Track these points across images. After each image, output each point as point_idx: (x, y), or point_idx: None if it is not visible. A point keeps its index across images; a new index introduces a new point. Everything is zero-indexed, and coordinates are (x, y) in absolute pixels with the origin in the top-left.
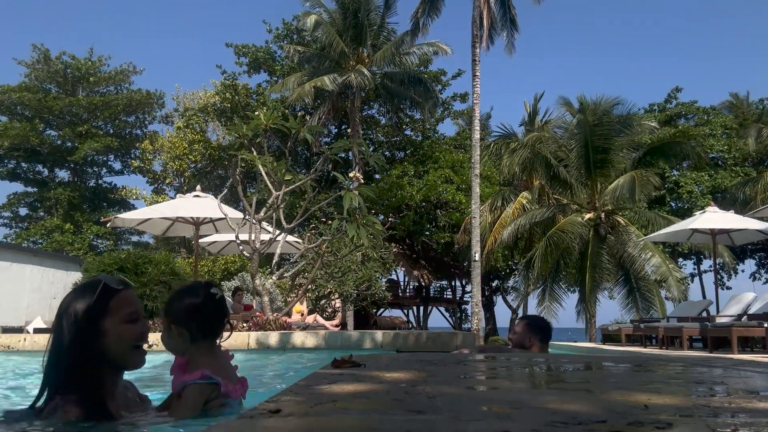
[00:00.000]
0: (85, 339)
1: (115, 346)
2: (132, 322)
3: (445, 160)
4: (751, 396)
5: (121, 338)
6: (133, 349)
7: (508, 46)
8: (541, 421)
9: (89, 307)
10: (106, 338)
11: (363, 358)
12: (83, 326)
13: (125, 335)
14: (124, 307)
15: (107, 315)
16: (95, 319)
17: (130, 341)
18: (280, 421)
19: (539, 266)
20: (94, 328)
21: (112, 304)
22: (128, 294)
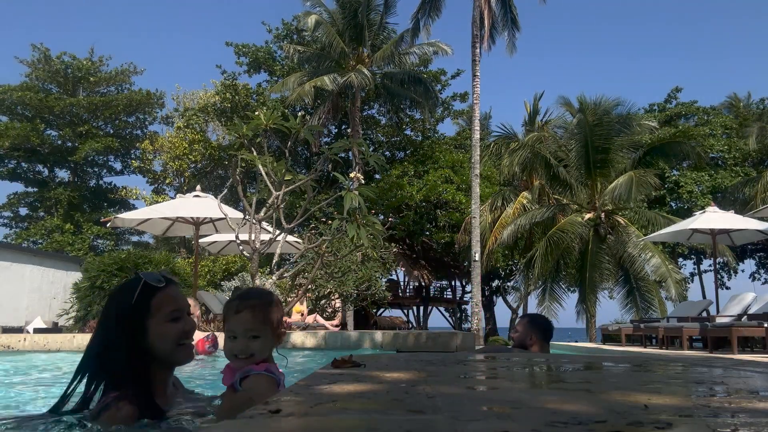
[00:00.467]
0: (129, 338)
1: (159, 345)
2: (174, 321)
3: (445, 160)
4: (751, 396)
5: (164, 337)
6: (177, 346)
7: (509, 45)
8: (541, 421)
9: (131, 307)
10: (150, 337)
11: (363, 358)
12: (126, 326)
13: (168, 334)
14: (166, 306)
15: (149, 314)
16: (137, 319)
17: (173, 339)
18: (280, 421)
19: (539, 266)
20: (137, 327)
21: (153, 303)
22: (170, 291)
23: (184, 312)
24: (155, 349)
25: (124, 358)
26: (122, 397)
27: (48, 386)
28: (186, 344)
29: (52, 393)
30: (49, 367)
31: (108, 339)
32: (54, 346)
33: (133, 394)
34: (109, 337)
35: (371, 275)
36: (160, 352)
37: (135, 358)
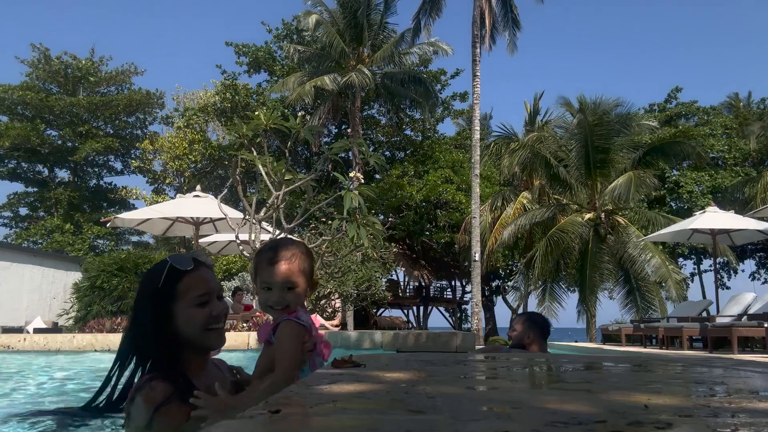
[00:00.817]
0: (157, 323)
1: (187, 330)
2: (201, 305)
3: (445, 160)
4: (751, 396)
5: (190, 322)
6: (205, 331)
7: (509, 45)
8: (541, 421)
9: (157, 291)
10: (177, 321)
11: (363, 358)
12: (154, 310)
13: (195, 319)
14: (192, 290)
15: (175, 299)
16: (164, 303)
17: (200, 324)
18: (280, 421)
19: (539, 266)
20: (164, 311)
21: (180, 287)
22: (198, 275)
23: (213, 296)
24: (183, 333)
25: (153, 342)
26: (155, 377)
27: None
28: (215, 329)
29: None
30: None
31: (138, 323)
32: (54, 346)
33: (165, 375)
34: (139, 321)
35: (371, 275)
36: (188, 336)
37: (165, 341)
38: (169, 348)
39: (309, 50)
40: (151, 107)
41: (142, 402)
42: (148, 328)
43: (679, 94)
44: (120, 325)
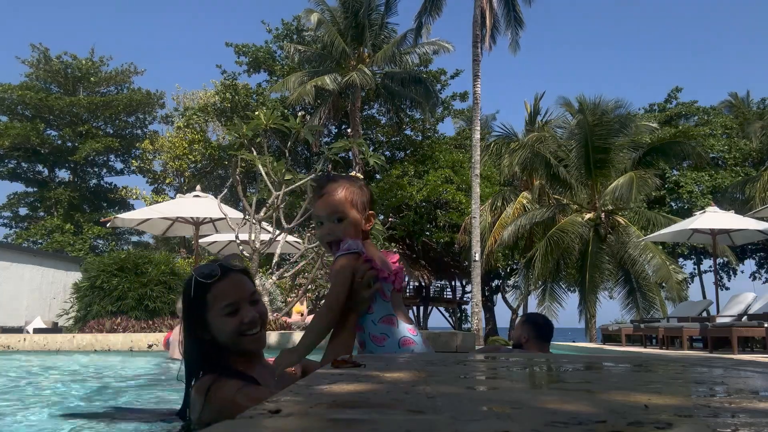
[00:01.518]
0: (195, 331)
1: (222, 337)
2: (230, 315)
3: (445, 160)
4: (752, 396)
5: (221, 330)
6: (239, 337)
7: (512, 44)
8: (541, 421)
9: (190, 302)
10: (212, 330)
11: (363, 358)
12: (188, 320)
13: (226, 328)
14: (220, 301)
15: (206, 308)
16: (197, 314)
17: (231, 332)
18: (280, 421)
19: (539, 266)
20: (199, 321)
21: (209, 297)
22: (225, 285)
23: (243, 303)
24: (220, 340)
25: (197, 350)
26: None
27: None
28: (250, 334)
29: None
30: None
31: (185, 333)
32: (54, 346)
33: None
34: (185, 331)
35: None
36: (224, 343)
37: (207, 349)
38: (211, 354)
39: (309, 50)
40: (151, 107)
41: (195, 394)
42: (189, 336)
43: (679, 94)
44: (120, 326)
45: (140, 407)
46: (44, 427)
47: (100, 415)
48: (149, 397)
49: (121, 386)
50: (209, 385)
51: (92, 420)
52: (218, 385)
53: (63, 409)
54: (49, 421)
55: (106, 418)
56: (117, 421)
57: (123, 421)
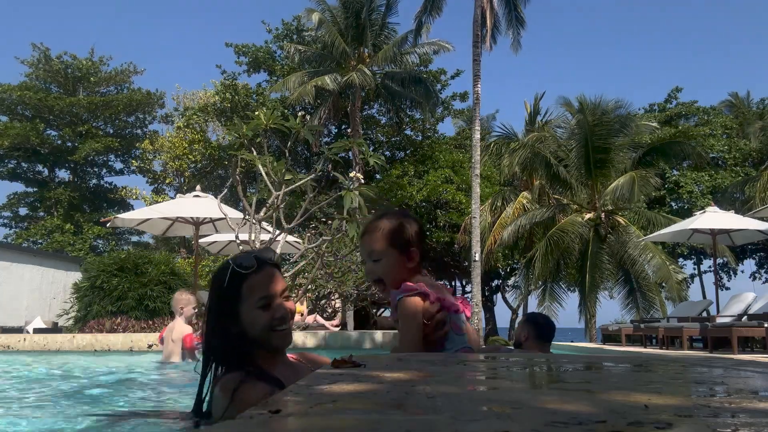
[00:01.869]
0: (224, 323)
1: (252, 331)
2: (264, 308)
3: (445, 160)
4: (751, 396)
5: (253, 324)
6: (269, 332)
7: (513, 44)
8: (541, 421)
9: (223, 292)
10: (243, 323)
11: (363, 358)
12: (220, 311)
13: (259, 321)
14: (255, 293)
15: (240, 300)
16: (229, 305)
17: (263, 326)
18: (280, 421)
19: (539, 266)
20: (230, 313)
21: (243, 289)
22: (261, 276)
23: (277, 297)
24: (249, 334)
25: (222, 343)
26: (229, 370)
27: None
28: (280, 330)
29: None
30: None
31: (210, 324)
32: (54, 346)
33: (238, 369)
34: (210, 323)
35: None
36: (253, 336)
37: (233, 341)
38: (238, 346)
39: (309, 50)
40: (151, 107)
41: (219, 392)
42: (218, 328)
43: (679, 94)
44: (120, 326)
45: (145, 410)
46: (49, 428)
47: (110, 416)
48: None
49: (119, 387)
50: (236, 385)
51: (102, 421)
52: (246, 387)
53: (65, 410)
54: (51, 422)
55: (115, 419)
56: (122, 423)
57: (128, 423)
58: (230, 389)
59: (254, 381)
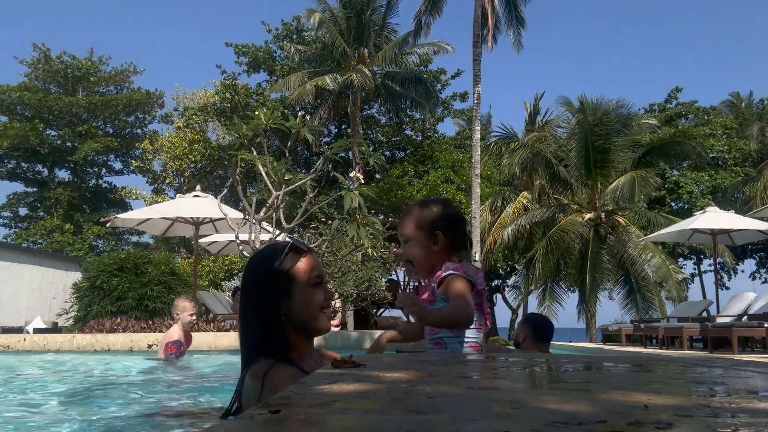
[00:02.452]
0: (275, 304)
1: (303, 311)
2: (317, 286)
3: (445, 160)
4: (752, 396)
5: (308, 302)
6: (320, 311)
7: (515, 44)
8: (541, 421)
9: (274, 271)
10: (293, 303)
11: (363, 358)
12: (270, 290)
13: (314, 298)
14: (311, 270)
15: (294, 279)
16: (282, 283)
17: (317, 305)
18: (280, 421)
19: (540, 266)
20: (282, 292)
21: (299, 267)
22: (313, 258)
23: (325, 279)
24: (297, 315)
25: (265, 329)
26: (272, 365)
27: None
28: (326, 312)
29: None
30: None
31: (250, 310)
32: (54, 346)
33: (278, 360)
34: (251, 308)
35: (371, 275)
36: (302, 317)
37: (273, 325)
38: (281, 332)
39: (309, 50)
40: (150, 107)
41: (250, 378)
42: (261, 311)
43: (679, 94)
44: (120, 326)
45: (177, 409)
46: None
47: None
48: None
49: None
50: (266, 370)
51: (129, 422)
52: (277, 369)
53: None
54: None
55: (146, 417)
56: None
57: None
58: (260, 375)
59: (283, 365)
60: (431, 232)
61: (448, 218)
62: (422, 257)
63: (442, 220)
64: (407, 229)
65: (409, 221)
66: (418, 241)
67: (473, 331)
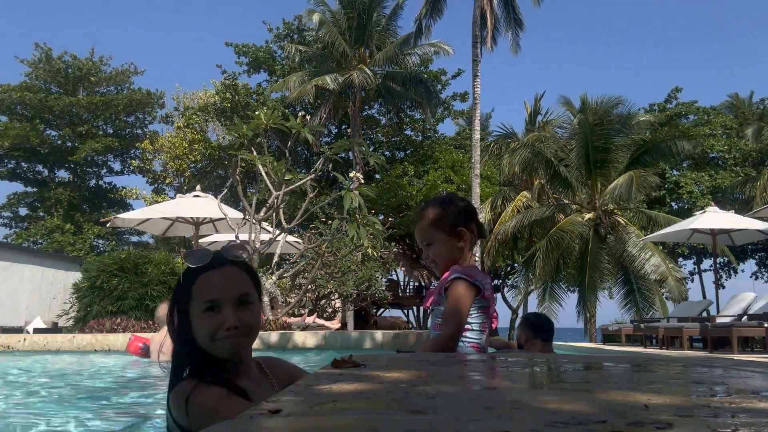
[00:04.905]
0: (178, 324)
1: (198, 337)
2: (209, 311)
3: (445, 160)
4: (751, 396)
5: (198, 328)
6: (212, 341)
7: (513, 45)
8: (541, 421)
9: (176, 291)
10: (193, 327)
11: (363, 358)
12: (171, 310)
13: (202, 326)
14: (203, 294)
15: (190, 300)
16: (181, 304)
17: (206, 333)
18: (280, 421)
19: (539, 266)
20: (181, 313)
21: (193, 289)
22: (213, 275)
23: (226, 302)
24: (198, 341)
25: (182, 349)
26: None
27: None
28: (223, 339)
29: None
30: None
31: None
32: (54, 346)
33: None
34: (170, 326)
35: (371, 275)
36: (202, 345)
37: (192, 347)
38: (195, 354)
39: (310, 50)
40: (151, 107)
41: (173, 399)
42: (175, 331)
43: (679, 94)
44: (120, 326)
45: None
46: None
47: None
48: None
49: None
50: (189, 392)
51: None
52: (198, 392)
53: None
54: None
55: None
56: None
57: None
58: (183, 398)
59: (207, 386)
60: (453, 230)
61: (464, 212)
62: (450, 256)
63: (460, 215)
64: (428, 233)
65: (426, 225)
66: (443, 241)
67: (476, 333)
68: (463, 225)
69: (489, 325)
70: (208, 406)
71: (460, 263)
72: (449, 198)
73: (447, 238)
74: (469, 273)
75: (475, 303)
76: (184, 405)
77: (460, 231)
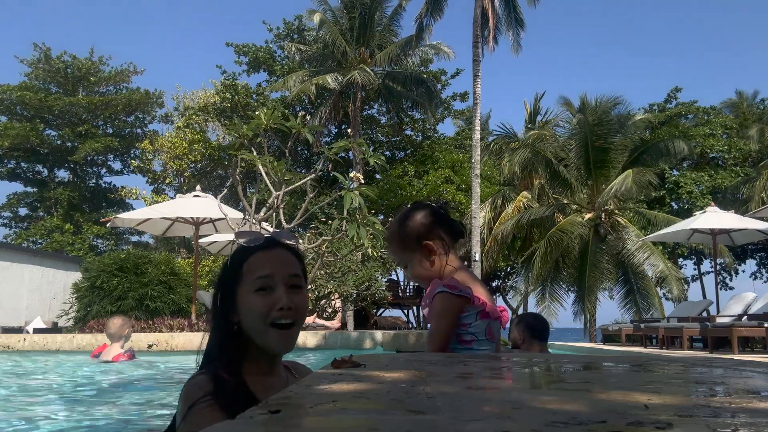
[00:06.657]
0: (222, 308)
1: (248, 321)
2: (261, 291)
3: (445, 160)
4: (751, 396)
5: (249, 311)
6: (267, 326)
7: (514, 45)
8: (541, 421)
9: (224, 273)
10: (239, 309)
11: (363, 358)
12: (217, 293)
13: (254, 306)
14: (255, 272)
15: (240, 280)
16: (229, 285)
17: (260, 315)
18: (279, 421)
19: (539, 266)
20: (229, 295)
21: (244, 268)
22: (266, 256)
23: (280, 282)
24: (245, 324)
25: (220, 337)
26: (207, 371)
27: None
28: (280, 324)
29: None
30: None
31: (211, 314)
32: (54, 346)
33: (216, 371)
34: (212, 312)
35: (371, 275)
36: (249, 329)
37: (233, 336)
38: (235, 343)
39: (310, 50)
40: (150, 107)
41: (183, 395)
42: (215, 317)
43: (679, 94)
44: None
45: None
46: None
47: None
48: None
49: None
50: (196, 399)
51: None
52: (200, 411)
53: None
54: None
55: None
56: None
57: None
58: (191, 399)
59: (213, 406)
60: (420, 246)
61: (424, 223)
62: (428, 272)
63: (422, 228)
64: (398, 256)
65: (393, 249)
66: (415, 260)
67: (483, 342)
68: (426, 237)
69: (497, 329)
70: (204, 426)
71: (441, 275)
72: (405, 214)
73: (417, 255)
74: (450, 284)
75: (469, 311)
76: (186, 408)
77: (426, 245)
